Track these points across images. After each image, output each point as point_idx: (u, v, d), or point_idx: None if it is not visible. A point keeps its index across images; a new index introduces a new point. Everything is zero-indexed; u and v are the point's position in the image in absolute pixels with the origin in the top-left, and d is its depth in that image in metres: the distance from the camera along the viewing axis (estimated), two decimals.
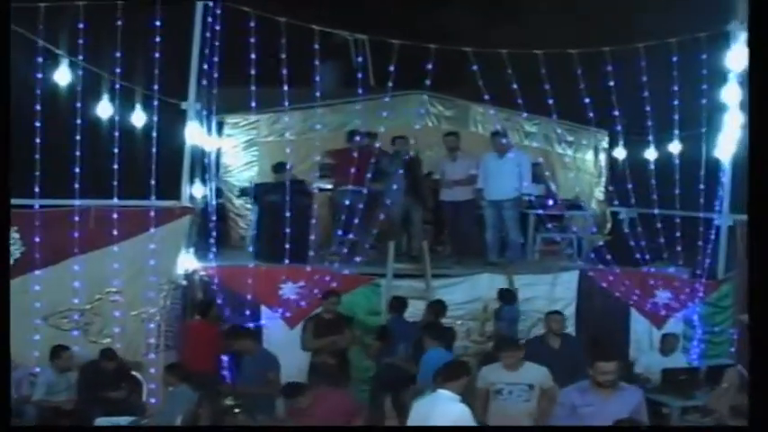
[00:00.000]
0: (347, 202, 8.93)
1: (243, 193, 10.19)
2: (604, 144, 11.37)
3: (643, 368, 8.41)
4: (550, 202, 10.17)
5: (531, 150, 11.08)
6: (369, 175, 8.94)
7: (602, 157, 11.46)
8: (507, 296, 8.57)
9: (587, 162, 11.52)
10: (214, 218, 8.80)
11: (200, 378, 7.23)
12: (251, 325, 8.15)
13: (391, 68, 8.41)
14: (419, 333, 7.57)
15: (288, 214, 8.48)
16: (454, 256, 9.80)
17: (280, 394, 6.63)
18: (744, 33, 8.52)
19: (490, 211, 9.51)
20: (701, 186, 9.04)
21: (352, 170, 9.01)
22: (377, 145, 9.48)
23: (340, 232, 9.05)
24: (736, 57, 8.66)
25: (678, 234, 9.15)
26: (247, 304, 8.34)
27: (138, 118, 8.32)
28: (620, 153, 10.16)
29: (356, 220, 8.94)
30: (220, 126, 10.69)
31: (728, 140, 8.97)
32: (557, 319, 7.76)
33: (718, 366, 8.19)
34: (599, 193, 11.47)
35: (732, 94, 8.81)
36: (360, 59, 8.73)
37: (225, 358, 7.75)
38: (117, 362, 7.70)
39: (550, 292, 9.02)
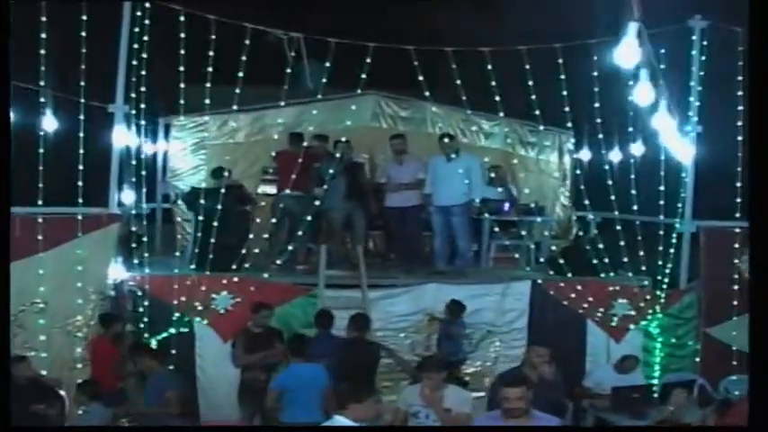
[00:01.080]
0: (288, 208, 8.56)
1: (180, 197, 9.82)
2: (569, 146, 10.86)
3: (595, 384, 7.95)
4: (506, 207, 9.67)
5: (490, 152, 10.62)
6: (311, 180, 8.54)
7: (567, 159, 10.94)
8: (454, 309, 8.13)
9: (551, 164, 10.99)
10: (147, 223, 8.52)
11: (111, 396, 6.88)
12: (176, 337, 7.83)
13: (328, 68, 8.11)
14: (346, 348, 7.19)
15: (222, 221, 8.13)
16: (399, 264, 9.34)
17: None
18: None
19: (438, 217, 9.08)
20: (662, 191, 8.62)
21: (295, 174, 8.64)
22: (325, 148, 9.12)
23: (280, 239, 8.67)
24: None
25: (640, 241, 8.71)
26: (175, 316, 7.97)
27: (65, 122, 8.03)
28: (585, 155, 9.71)
29: (297, 227, 8.58)
30: (167, 128, 10.35)
31: (688, 144, 8.50)
32: (540, 352, 6.57)
33: (674, 383, 7.72)
34: (563, 197, 10.96)
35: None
36: (294, 59, 8.34)
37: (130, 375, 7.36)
38: (32, 371, 7.35)
39: (500, 304, 8.52)
